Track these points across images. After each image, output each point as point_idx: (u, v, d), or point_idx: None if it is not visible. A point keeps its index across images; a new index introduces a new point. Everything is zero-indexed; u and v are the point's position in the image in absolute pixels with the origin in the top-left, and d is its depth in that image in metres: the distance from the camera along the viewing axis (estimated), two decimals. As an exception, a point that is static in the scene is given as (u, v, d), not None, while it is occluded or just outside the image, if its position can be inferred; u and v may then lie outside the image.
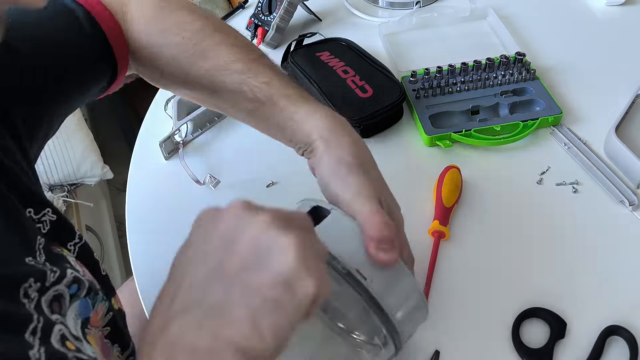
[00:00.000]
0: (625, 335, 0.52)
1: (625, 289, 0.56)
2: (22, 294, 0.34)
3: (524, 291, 0.56)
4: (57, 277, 0.38)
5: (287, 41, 0.86)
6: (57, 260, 0.40)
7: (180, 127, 0.74)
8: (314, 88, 0.75)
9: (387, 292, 0.40)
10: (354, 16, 0.94)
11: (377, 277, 0.39)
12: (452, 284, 0.58)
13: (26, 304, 0.34)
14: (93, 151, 1.20)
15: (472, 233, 0.62)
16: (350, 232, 0.41)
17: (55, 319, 0.36)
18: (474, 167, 0.68)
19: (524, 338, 0.53)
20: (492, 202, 0.65)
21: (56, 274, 0.38)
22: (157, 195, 0.71)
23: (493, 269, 0.59)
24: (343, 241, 0.40)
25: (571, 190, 0.65)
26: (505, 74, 0.75)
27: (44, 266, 0.37)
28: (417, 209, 0.64)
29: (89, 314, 0.41)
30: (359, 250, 0.40)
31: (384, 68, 0.77)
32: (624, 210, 0.62)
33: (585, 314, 0.54)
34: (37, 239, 0.38)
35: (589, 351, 0.51)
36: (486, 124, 0.71)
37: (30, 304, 0.34)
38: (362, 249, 0.40)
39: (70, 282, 0.39)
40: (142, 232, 0.67)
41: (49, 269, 0.37)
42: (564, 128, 0.71)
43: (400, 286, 0.41)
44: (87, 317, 0.41)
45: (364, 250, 0.40)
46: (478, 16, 0.90)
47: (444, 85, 0.75)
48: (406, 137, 0.73)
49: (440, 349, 0.53)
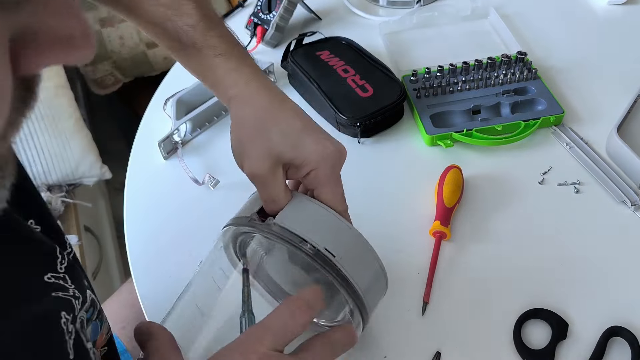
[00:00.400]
0: (627, 336, 0.52)
1: (627, 290, 0.56)
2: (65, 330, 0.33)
3: (525, 292, 0.56)
4: (81, 303, 0.36)
5: (287, 40, 0.85)
6: (76, 276, 0.37)
7: (179, 126, 0.73)
8: (314, 87, 0.75)
9: (354, 268, 0.41)
10: (355, 15, 0.93)
11: (344, 253, 0.41)
12: (453, 285, 0.57)
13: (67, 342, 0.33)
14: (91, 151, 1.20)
15: (473, 233, 0.61)
16: (312, 214, 0.43)
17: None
18: (475, 167, 0.67)
19: (525, 339, 0.53)
20: (494, 202, 0.64)
21: (79, 299, 0.36)
22: (156, 195, 0.71)
23: (494, 269, 0.58)
24: (306, 222, 0.42)
25: (573, 191, 0.65)
26: (506, 74, 0.75)
27: (68, 291, 0.35)
28: (418, 210, 0.64)
29: (97, 336, 0.40)
30: (322, 229, 0.42)
31: (385, 67, 0.77)
32: (626, 210, 0.62)
33: (587, 315, 0.54)
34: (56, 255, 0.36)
35: (591, 352, 0.51)
36: (487, 123, 0.70)
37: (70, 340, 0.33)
38: (325, 227, 0.42)
39: (88, 306, 0.38)
40: (140, 233, 0.66)
41: (72, 296, 0.35)
42: (565, 128, 0.71)
43: (364, 260, 0.43)
44: (95, 339, 0.40)
45: (326, 227, 0.42)
46: (479, 15, 0.89)
47: (445, 84, 0.75)
48: (407, 136, 0.73)
49: (441, 350, 0.52)
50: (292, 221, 0.42)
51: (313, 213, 0.43)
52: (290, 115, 0.45)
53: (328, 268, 0.40)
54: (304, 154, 0.44)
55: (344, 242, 0.42)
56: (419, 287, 0.57)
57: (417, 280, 0.58)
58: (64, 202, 1.14)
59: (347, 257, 0.41)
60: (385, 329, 0.54)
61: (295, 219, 0.42)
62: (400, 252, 0.60)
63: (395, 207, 0.65)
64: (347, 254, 0.42)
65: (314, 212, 0.43)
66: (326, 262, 0.41)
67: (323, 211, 0.43)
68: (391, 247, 0.61)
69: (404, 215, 0.64)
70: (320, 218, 0.43)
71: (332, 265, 0.41)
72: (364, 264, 0.43)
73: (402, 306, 0.56)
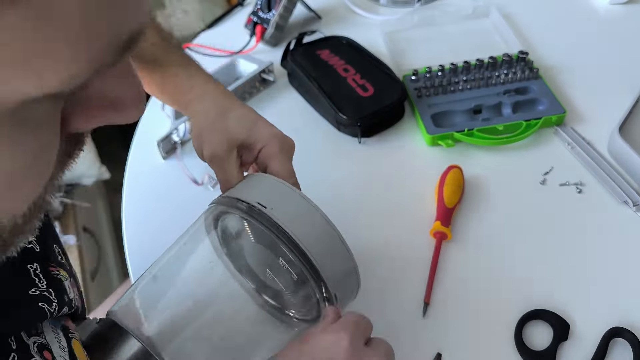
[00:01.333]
0: (629, 337, 0.51)
1: (629, 291, 0.55)
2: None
3: (526, 293, 0.55)
4: (55, 312, 0.36)
5: (286, 39, 0.85)
6: (58, 287, 0.38)
7: (177, 126, 0.73)
8: (314, 86, 0.75)
9: (297, 225, 0.42)
10: (355, 14, 0.93)
11: (279, 206, 0.42)
12: (454, 286, 0.57)
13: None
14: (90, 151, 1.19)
15: (474, 234, 0.61)
16: (254, 182, 0.46)
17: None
18: (476, 167, 0.67)
19: (526, 340, 0.52)
20: (495, 202, 0.64)
21: (55, 311, 0.36)
22: (155, 195, 0.70)
23: (495, 270, 0.58)
24: (246, 188, 0.45)
25: (575, 191, 0.64)
26: (508, 73, 0.75)
27: (49, 300, 0.36)
28: (418, 210, 0.63)
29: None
30: (259, 189, 0.44)
31: (385, 66, 0.76)
32: (628, 210, 0.62)
33: (588, 316, 0.53)
34: (29, 268, 0.36)
35: (593, 353, 0.51)
36: (489, 123, 0.70)
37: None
38: (263, 187, 0.44)
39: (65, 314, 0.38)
40: (139, 233, 0.66)
41: (47, 309, 0.36)
42: (567, 128, 0.71)
43: (335, 253, 0.43)
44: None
45: (264, 187, 0.44)
46: (480, 14, 0.89)
47: (446, 84, 0.74)
48: (407, 136, 0.72)
49: (442, 352, 0.52)
50: (236, 190, 0.45)
51: (256, 181, 0.46)
52: (246, 108, 0.51)
53: (262, 220, 0.41)
54: (256, 134, 0.49)
55: (285, 202, 0.43)
56: (420, 288, 0.57)
57: (418, 281, 0.57)
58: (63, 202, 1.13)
59: (283, 210, 0.41)
60: (385, 330, 0.54)
61: (239, 188, 0.45)
62: (401, 253, 0.60)
63: (396, 208, 0.64)
64: (283, 207, 0.42)
65: (257, 180, 0.46)
66: (261, 216, 0.41)
67: (266, 178, 0.45)
68: (392, 248, 0.61)
69: (405, 215, 0.64)
70: (260, 182, 0.45)
71: (266, 217, 0.41)
72: (310, 224, 0.42)
73: (403, 307, 0.55)
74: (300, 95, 0.80)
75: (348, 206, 0.65)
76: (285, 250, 0.41)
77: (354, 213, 0.65)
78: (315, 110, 0.77)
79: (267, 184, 0.44)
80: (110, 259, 1.36)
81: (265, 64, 0.80)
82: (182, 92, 0.53)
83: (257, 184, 0.45)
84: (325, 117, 0.75)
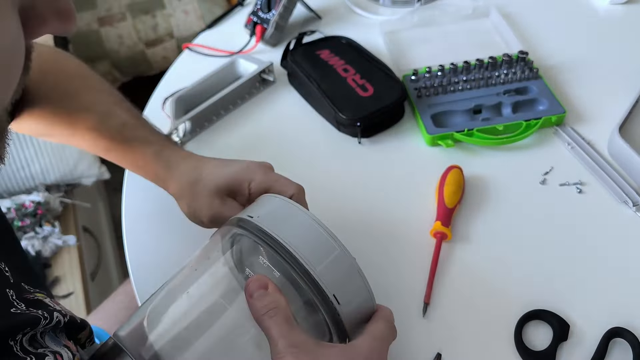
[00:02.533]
0: (628, 337, 0.51)
1: (629, 291, 0.55)
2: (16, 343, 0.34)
3: (526, 293, 0.56)
4: (47, 322, 0.37)
5: (286, 39, 0.85)
6: (39, 306, 0.38)
7: (178, 126, 0.73)
8: (314, 87, 0.75)
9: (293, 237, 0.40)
10: (355, 14, 0.93)
11: (266, 215, 0.41)
12: (454, 286, 0.57)
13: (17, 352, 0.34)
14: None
15: (474, 234, 0.61)
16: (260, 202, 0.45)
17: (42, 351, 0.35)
18: (476, 167, 0.67)
19: (526, 340, 0.52)
20: (495, 202, 0.64)
21: (47, 319, 0.37)
22: (155, 195, 0.70)
23: (495, 270, 0.58)
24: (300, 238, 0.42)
25: (575, 191, 0.64)
26: (508, 73, 0.75)
27: (34, 313, 0.36)
28: (418, 210, 0.63)
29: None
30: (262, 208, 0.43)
31: (385, 66, 0.76)
32: (628, 210, 0.62)
33: (588, 316, 0.53)
34: (7, 293, 0.36)
35: (592, 353, 0.51)
36: (489, 123, 0.70)
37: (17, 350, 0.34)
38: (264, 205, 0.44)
39: (56, 323, 0.38)
40: (139, 233, 0.66)
41: (40, 315, 0.36)
42: (567, 128, 0.71)
43: (351, 284, 0.41)
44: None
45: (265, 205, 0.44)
46: (480, 14, 0.89)
47: (445, 84, 0.74)
48: (407, 136, 0.72)
49: (442, 352, 0.52)
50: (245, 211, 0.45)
51: (261, 201, 0.45)
52: (213, 162, 0.54)
53: (252, 230, 0.40)
54: (234, 175, 0.51)
55: (279, 215, 0.42)
56: (420, 288, 0.57)
57: (418, 281, 0.57)
58: (63, 202, 1.13)
59: (271, 219, 0.41)
60: (385, 330, 0.54)
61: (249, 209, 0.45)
62: (401, 253, 0.60)
63: (396, 208, 0.64)
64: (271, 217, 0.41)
65: (262, 200, 0.45)
66: (252, 226, 0.41)
67: (268, 197, 0.45)
68: (392, 248, 0.61)
69: (405, 215, 0.64)
70: (264, 201, 0.45)
71: (256, 227, 0.40)
72: (311, 239, 0.41)
73: (403, 307, 0.55)
74: (300, 95, 0.80)
75: (348, 206, 0.65)
76: (300, 283, 0.39)
77: (353, 213, 0.65)
78: (315, 110, 0.77)
79: (268, 203, 0.44)
80: (110, 259, 1.36)
81: (265, 64, 0.80)
82: (153, 172, 0.57)
83: (259, 205, 0.45)
84: (325, 117, 0.75)
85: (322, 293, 0.39)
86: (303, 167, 0.71)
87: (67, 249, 1.06)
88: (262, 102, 0.80)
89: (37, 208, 1.06)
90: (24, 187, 1.14)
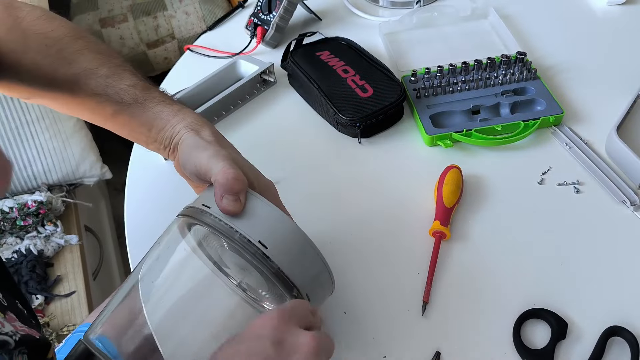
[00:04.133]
0: (626, 336, 0.52)
1: (626, 290, 0.56)
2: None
3: (525, 292, 0.56)
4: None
5: (286, 40, 0.86)
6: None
7: (179, 126, 0.73)
8: (314, 87, 0.75)
9: (292, 266, 0.42)
10: (354, 15, 0.94)
11: (282, 252, 0.43)
12: (452, 285, 0.57)
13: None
14: (92, 151, 1.20)
15: (473, 233, 0.62)
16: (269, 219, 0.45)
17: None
18: (475, 167, 0.67)
19: (525, 339, 0.53)
20: (493, 202, 0.64)
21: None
22: (157, 195, 0.71)
23: (494, 269, 0.58)
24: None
25: (572, 191, 0.65)
26: (506, 74, 0.75)
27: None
28: (417, 210, 0.64)
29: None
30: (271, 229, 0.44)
31: (385, 67, 0.77)
32: (626, 210, 0.62)
33: (586, 315, 0.54)
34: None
35: (591, 352, 0.51)
36: (487, 123, 0.70)
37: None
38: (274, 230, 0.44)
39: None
40: (141, 233, 0.66)
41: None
42: (565, 128, 0.71)
43: (305, 257, 0.44)
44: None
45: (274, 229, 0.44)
46: (479, 15, 0.90)
47: (444, 84, 0.75)
48: (407, 137, 0.73)
49: (441, 350, 0.52)
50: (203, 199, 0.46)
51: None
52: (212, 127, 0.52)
53: (201, 217, 0.43)
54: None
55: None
56: (419, 287, 0.57)
57: (417, 280, 0.58)
58: (65, 202, 1.14)
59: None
60: (384, 328, 0.54)
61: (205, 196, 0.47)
62: (400, 252, 0.60)
63: (395, 207, 0.65)
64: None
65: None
66: (199, 212, 0.43)
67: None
68: (391, 247, 0.61)
69: (404, 215, 0.64)
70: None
71: (205, 213, 0.43)
72: (262, 216, 0.43)
73: (402, 306, 0.56)
74: (300, 96, 0.80)
75: (347, 206, 0.66)
76: (245, 253, 0.42)
77: (353, 213, 0.65)
78: (315, 111, 0.77)
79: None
80: (112, 258, 1.36)
81: (266, 65, 0.80)
82: (170, 126, 0.53)
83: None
84: (325, 117, 0.76)
85: (249, 242, 0.42)
86: (303, 168, 0.71)
87: (69, 249, 1.07)
88: (263, 103, 0.80)
89: (39, 208, 1.07)
90: (27, 187, 1.15)
